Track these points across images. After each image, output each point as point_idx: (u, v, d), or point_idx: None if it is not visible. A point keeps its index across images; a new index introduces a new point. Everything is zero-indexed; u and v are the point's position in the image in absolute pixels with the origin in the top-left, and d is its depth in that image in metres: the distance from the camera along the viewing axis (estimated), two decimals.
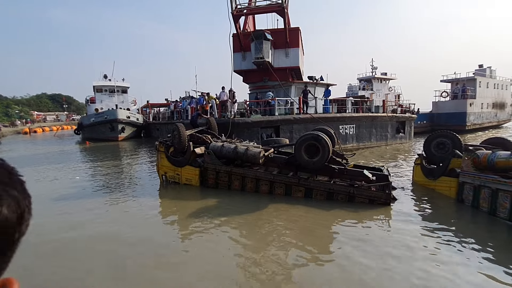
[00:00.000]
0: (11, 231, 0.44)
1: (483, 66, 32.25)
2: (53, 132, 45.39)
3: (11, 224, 0.43)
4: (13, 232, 0.44)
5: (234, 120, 13.46)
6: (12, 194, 0.44)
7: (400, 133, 19.24)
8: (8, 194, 0.44)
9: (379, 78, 32.88)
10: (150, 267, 4.22)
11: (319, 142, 7.19)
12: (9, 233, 0.43)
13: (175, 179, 8.94)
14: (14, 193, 0.45)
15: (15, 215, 0.44)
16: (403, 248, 4.62)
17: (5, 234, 0.43)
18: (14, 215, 0.44)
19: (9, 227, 0.43)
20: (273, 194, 7.55)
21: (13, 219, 0.44)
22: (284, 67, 18.39)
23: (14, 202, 0.44)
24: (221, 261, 4.42)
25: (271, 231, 5.48)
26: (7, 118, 55.71)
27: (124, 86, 32.75)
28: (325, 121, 13.89)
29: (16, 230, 0.45)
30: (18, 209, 0.45)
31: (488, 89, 31.31)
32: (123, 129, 26.22)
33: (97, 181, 10.22)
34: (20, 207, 0.45)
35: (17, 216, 0.44)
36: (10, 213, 0.43)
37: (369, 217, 6.05)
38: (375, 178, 7.51)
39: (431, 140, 8.49)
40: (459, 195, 6.80)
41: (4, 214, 0.42)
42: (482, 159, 6.26)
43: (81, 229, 5.72)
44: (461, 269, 3.98)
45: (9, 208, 0.43)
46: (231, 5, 16.36)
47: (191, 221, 6.11)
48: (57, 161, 15.02)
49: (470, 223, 5.87)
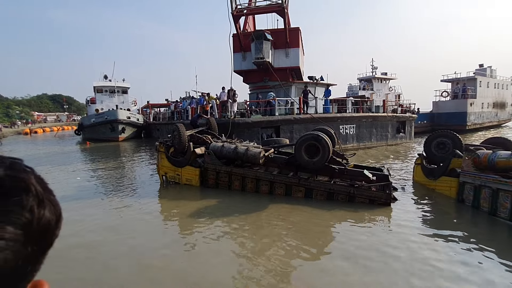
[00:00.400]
0: (51, 234, 0.46)
1: (483, 65, 32.23)
2: (54, 132, 45.44)
3: (52, 227, 0.46)
4: (52, 235, 0.47)
5: (234, 120, 13.47)
6: (50, 198, 0.47)
7: (400, 133, 19.22)
8: (47, 198, 0.46)
9: (379, 78, 32.88)
10: (150, 268, 4.22)
11: (319, 142, 7.18)
12: (50, 236, 0.46)
13: (175, 179, 8.95)
14: (51, 197, 0.47)
15: (55, 218, 0.47)
16: (403, 248, 4.62)
17: (47, 236, 0.46)
18: (54, 217, 0.46)
19: (51, 229, 0.46)
20: (273, 194, 7.55)
21: (53, 222, 0.46)
22: (284, 67, 18.40)
23: (53, 206, 0.47)
24: (221, 261, 4.42)
25: (271, 231, 5.48)
26: (7, 118, 55.78)
27: (124, 86, 32.77)
28: (326, 121, 13.88)
29: (55, 232, 0.47)
30: (56, 212, 0.47)
31: (489, 88, 31.28)
32: (123, 130, 26.22)
33: (97, 181, 10.23)
34: (57, 210, 0.48)
35: (56, 219, 0.47)
36: (51, 216, 0.46)
37: (369, 217, 6.04)
38: (375, 178, 7.50)
39: (432, 140, 8.48)
40: (459, 195, 6.79)
41: (47, 217, 0.45)
42: (482, 159, 6.25)
43: (80, 230, 5.72)
44: (461, 270, 3.97)
45: (50, 211, 0.46)
46: (231, 6, 16.37)
47: (191, 221, 6.12)
48: (58, 162, 15.03)
49: (471, 223, 5.86)
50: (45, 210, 0.44)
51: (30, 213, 0.42)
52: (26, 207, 0.41)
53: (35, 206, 0.43)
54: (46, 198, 0.46)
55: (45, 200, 0.45)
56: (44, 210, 0.44)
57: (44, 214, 0.44)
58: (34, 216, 0.42)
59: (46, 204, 0.45)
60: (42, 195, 0.45)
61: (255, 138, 12.98)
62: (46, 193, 0.46)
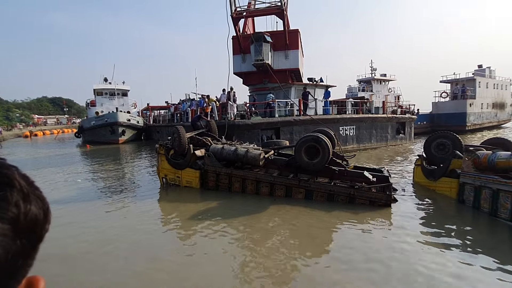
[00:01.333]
0: (41, 228, 0.47)
1: (482, 66, 32.28)
2: (54, 135, 45.44)
3: (41, 221, 0.46)
4: (42, 229, 0.47)
5: (230, 121, 13.49)
6: (36, 193, 0.47)
7: (400, 134, 19.24)
8: (33, 193, 0.46)
9: (378, 80, 32.91)
10: (151, 270, 4.21)
11: (319, 144, 7.19)
12: (39, 230, 0.46)
13: (175, 181, 8.94)
14: (37, 192, 0.48)
15: (42, 212, 0.47)
16: (404, 250, 4.61)
17: (36, 230, 0.46)
18: (41, 212, 0.47)
19: (39, 223, 0.46)
20: (273, 196, 7.54)
21: (41, 216, 0.47)
22: (284, 69, 18.45)
23: (40, 200, 0.47)
24: (221, 264, 4.41)
25: (271, 233, 5.47)
26: (8, 121, 55.81)
27: (124, 89, 32.80)
28: (325, 122, 13.90)
29: (44, 227, 0.48)
30: (43, 207, 0.47)
31: (488, 89, 31.33)
32: (123, 132, 26.23)
33: (97, 184, 10.21)
34: (44, 204, 0.48)
35: (43, 213, 0.47)
36: (38, 210, 0.46)
37: (370, 218, 6.03)
38: (375, 179, 7.50)
39: (432, 141, 8.49)
40: (460, 196, 6.78)
41: (34, 211, 0.45)
42: (482, 160, 6.26)
43: (80, 232, 5.72)
44: (463, 271, 3.97)
45: (36, 206, 0.46)
46: (231, 8, 16.42)
47: (191, 223, 6.10)
48: (58, 164, 15.02)
49: (471, 224, 5.85)
50: (31, 204, 0.45)
51: (16, 208, 0.42)
52: (11, 202, 0.42)
53: (20, 201, 0.43)
54: (32, 193, 0.46)
55: (31, 195, 0.45)
56: (30, 205, 0.44)
57: (31, 208, 0.44)
58: (20, 210, 0.42)
59: (32, 198, 0.45)
60: (27, 189, 0.45)
61: (255, 140, 12.99)
62: (31, 188, 0.47)
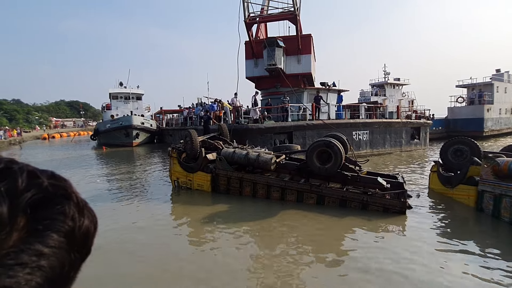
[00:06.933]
0: (91, 241, 0.47)
1: (500, 70, 31.31)
2: (70, 137, 46.74)
3: (91, 234, 0.47)
4: (91, 242, 0.47)
5: (244, 125, 13.56)
6: (87, 207, 0.47)
7: (415, 139, 18.83)
8: (86, 206, 0.47)
9: (392, 84, 32.38)
10: (162, 273, 4.24)
11: (331, 149, 7.11)
12: (89, 243, 0.47)
13: (187, 184, 9.01)
14: (87, 205, 0.48)
15: (93, 226, 0.47)
16: (418, 259, 4.47)
17: (88, 243, 0.46)
18: (92, 225, 0.47)
19: (90, 237, 0.46)
20: (284, 200, 7.48)
21: (92, 230, 0.47)
22: (296, 73, 18.39)
23: (90, 214, 0.47)
24: (231, 269, 4.39)
25: (282, 238, 5.43)
26: (27, 124, 57.81)
27: (138, 93, 33.51)
28: (338, 127, 13.76)
29: (93, 240, 0.48)
30: (93, 220, 0.48)
31: (506, 94, 30.26)
32: (137, 135, 26.72)
33: (112, 185, 10.41)
34: (94, 218, 0.48)
35: (94, 227, 0.48)
36: (90, 224, 0.46)
37: (383, 226, 5.90)
38: (389, 186, 7.34)
39: (448, 147, 8.26)
40: (478, 204, 6.55)
41: (87, 225, 0.45)
42: (503, 167, 6.03)
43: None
44: (481, 284, 3.82)
45: (89, 219, 0.46)
46: (244, 14, 16.57)
47: (202, 226, 6.13)
48: (77, 166, 15.44)
49: (490, 234, 5.64)
50: (85, 217, 0.45)
51: (72, 221, 0.43)
52: (68, 215, 0.42)
53: (76, 214, 0.43)
54: (85, 205, 0.46)
55: (84, 209, 0.46)
56: (84, 218, 0.45)
57: (84, 221, 0.45)
58: (76, 224, 0.43)
59: (85, 212, 0.46)
60: (82, 203, 0.46)
61: (268, 144, 12.99)
62: (84, 201, 0.47)
